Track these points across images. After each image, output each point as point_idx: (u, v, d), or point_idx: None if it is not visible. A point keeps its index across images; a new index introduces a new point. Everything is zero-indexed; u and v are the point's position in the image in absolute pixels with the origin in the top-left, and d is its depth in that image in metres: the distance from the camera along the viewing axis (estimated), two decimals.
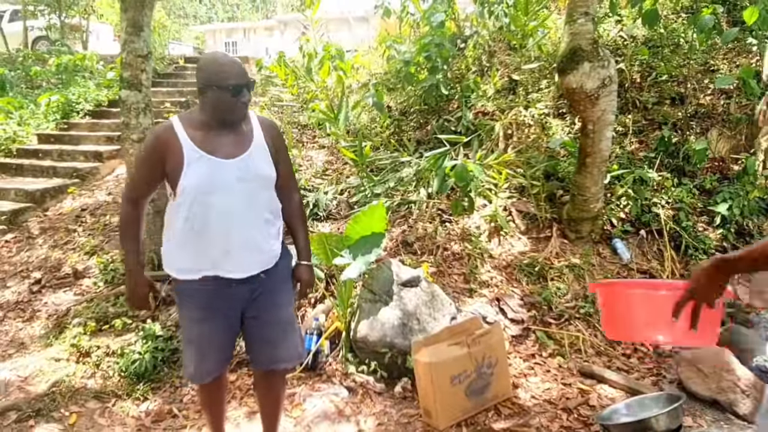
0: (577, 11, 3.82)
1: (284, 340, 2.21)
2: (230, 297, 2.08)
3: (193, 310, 2.11)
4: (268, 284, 2.14)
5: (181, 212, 1.98)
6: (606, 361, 3.42)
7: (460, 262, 4.16)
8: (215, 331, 2.12)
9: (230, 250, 2.00)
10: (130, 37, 3.94)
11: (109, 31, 14.32)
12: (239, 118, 2.01)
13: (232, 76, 1.92)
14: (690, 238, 4.04)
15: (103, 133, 7.35)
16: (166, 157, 1.95)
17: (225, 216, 1.97)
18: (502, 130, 5.26)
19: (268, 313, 2.16)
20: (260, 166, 2.03)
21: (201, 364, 2.15)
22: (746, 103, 4.63)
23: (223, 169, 1.96)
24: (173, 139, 1.94)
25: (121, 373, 3.29)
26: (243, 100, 1.95)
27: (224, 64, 1.94)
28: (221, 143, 1.98)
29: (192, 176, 1.93)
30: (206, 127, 1.99)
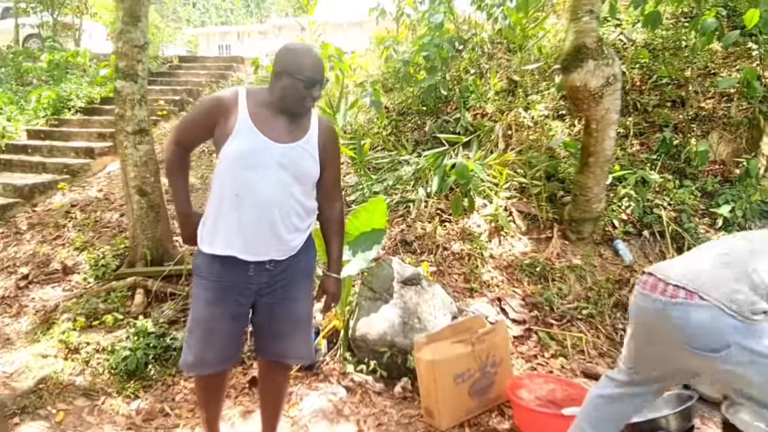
0: (582, 9, 3.78)
1: (296, 335, 2.14)
2: (245, 282, 2.02)
3: (207, 290, 2.03)
4: (287, 276, 2.08)
5: (217, 179, 1.99)
6: (609, 362, 3.36)
7: (460, 262, 4.10)
8: (224, 317, 2.04)
9: (254, 231, 1.95)
10: (126, 27, 3.85)
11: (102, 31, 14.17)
12: (304, 111, 2.01)
13: (310, 69, 1.92)
14: (692, 239, 4.00)
15: (95, 130, 7.23)
16: (218, 119, 1.95)
17: (255, 195, 1.93)
18: (501, 131, 5.22)
19: (283, 305, 2.09)
20: (305, 160, 2.00)
21: (203, 352, 2.05)
22: (747, 107, 4.62)
23: (267, 150, 1.93)
24: (233, 105, 1.94)
25: (111, 371, 3.17)
26: (314, 94, 1.95)
27: (306, 55, 1.94)
28: (276, 126, 1.96)
29: (236, 146, 1.91)
30: (268, 107, 1.98)
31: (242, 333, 2.18)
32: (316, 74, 1.92)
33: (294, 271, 2.09)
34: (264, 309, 2.10)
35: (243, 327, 2.16)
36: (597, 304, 3.72)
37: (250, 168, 1.92)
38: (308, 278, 2.20)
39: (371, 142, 5.58)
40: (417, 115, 6.21)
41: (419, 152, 5.39)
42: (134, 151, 3.98)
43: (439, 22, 6.13)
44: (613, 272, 3.96)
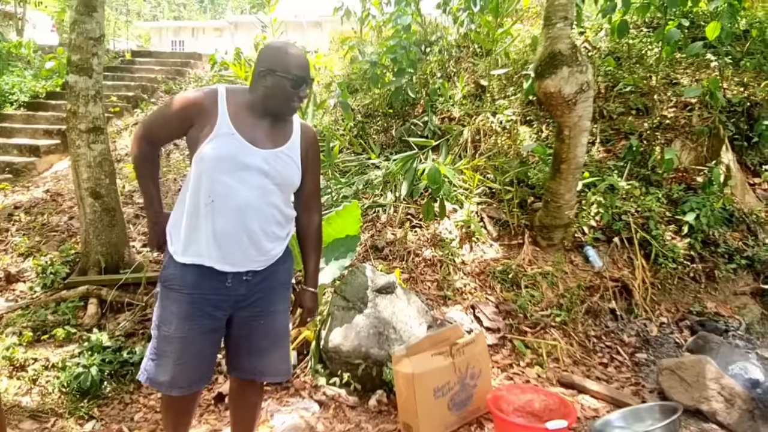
0: (556, 15, 3.77)
1: (274, 351, 2.02)
2: (222, 294, 1.87)
3: (179, 302, 1.86)
4: (266, 288, 1.94)
5: (191, 183, 1.84)
6: (584, 370, 3.35)
7: (432, 269, 4.02)
8: (199, 333, 1.87)
9: (231, 240, 1.81)
10: (80, 17, 3.58)
11: (46, 21, 13.46)
12: (289, 112, 1.90)
13: (297, 67, 1.81)
14: (659, 246, 4.05)
15: (41, 126, 6.80)
16: (196, 118, 1.82)
17: (233, 202, 1.80)
18: (470, 135, 5.19)
19: (262, 319, 1.95)
20: (287, 167, 1.89)
21: (176, 372, 1.88)
22: (707, 116, 4.74)
23: (248, 155, 1.81)
24: (212, 106, 1.82)
25: (62, 389, 2.92)
26: (301, 94, 1.85)
27: (292, 53, 1.83)
28: (257, 130, 1.85)
29: (214, 148, 1.78)
30: (250, 109, 1.86)
31: (216, 351, 2.01)
32: (303, 73, 1.81)
33: (272, 282, 1.96)
34: (241, 323, 1.96)
35: (219, 343, 2.00)
36: (569, 311, 3.71)
37: (229, 173, 1.79)
38: (287, 290, 2.07)
39: (340, 143, 5.45)
40: (384, 117, 6.12)
41: (387, 155, 5.29)
42: (88, 150, 3.71)
43: (407, 24, 6.07)
44: (584, 278, 3.97)
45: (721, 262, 4.07)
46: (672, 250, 4.03)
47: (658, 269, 4.04)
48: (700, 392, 2.80)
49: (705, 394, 2.79)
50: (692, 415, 2.82)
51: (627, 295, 3.94)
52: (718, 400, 2.76)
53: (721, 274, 4.03)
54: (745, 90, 5.02)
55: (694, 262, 4.08)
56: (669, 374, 2.96)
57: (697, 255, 4.11)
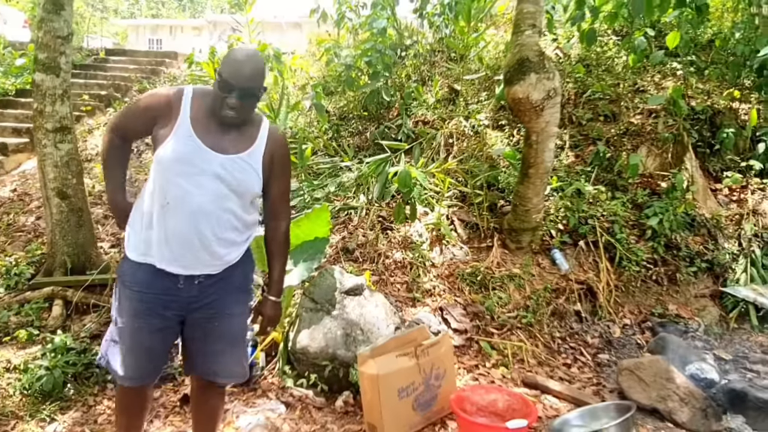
0: (524, 23, 3.85)
1: (229, 354, 2.01)
2: (173, 295, 1.86)
3: (131, 301, 1.87)
4: (220, 291, 1.93)
5: (150, 186, 1.85)
6: (548, 371, 3.42)
7: (402, 271, 4.06)
8: (148, 330, 1.88)
9: (184, 243, 1.81)
10: (48, 15, 3.54)
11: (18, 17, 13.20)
12: (224, 119, 1.80)
13: (231, 72, 1.75)
14: (624, 249, 4.16)
15: (9, 124, 6.66)
16: (159, 117, 1.83)
17: (186, 206, 1.78)
18: (443, 139, 5.25)
19: (215, 321, 1.95)
20: (246, 174, 1.85)
21: (125, 364, 1.90)
22: (672, 123, 4.88)
23: (204, 159, 1.79)
24: (177, 106, 1.81)
25: (24, 392, 2.87)
26: (229, 101, 1.76)
27: (237, 60, 1.78)
28: (217, 134, 1.83)
29: (172, 149, 1.78)
30: (212, 113, 1.83)
31: (168, 348, 2.02)
32: (234, 79, 1.74)
33: (227, 285, 1.94)
34: (195, 325, 1.96)
35: (170, 341, 2.00)
36: (535, 312, 3.78)
37: (184, 176, 1.78)
38: (244, 293, 2.04)
39: (313, 146, 5.46)
40: (358, 120, 6.15)
41: (361, 158, 5.32)
42: (54, 150, 3.66)
43: (382, 28, 6.12)
44: (551, 281, 4.05)
45: (683, 265, 4.19)
46: (636, 254, 4.14)
47: (622, 272, 4.14)
48: (657, 391, 2.89)
49: (662, 394, 2.88)
50: (649, 413, 2.91)
51: (592, 297, 4.03)
52: (674, 399, 2.84)
53: (682, 277, 4.15)
54: (708, 98, 5.18)
55: (656, 266, 4.19)
56: (628, 374, 3.05)
57: (659, 258, 4.22)
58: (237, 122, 1.83)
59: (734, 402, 2.91)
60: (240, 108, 1.78)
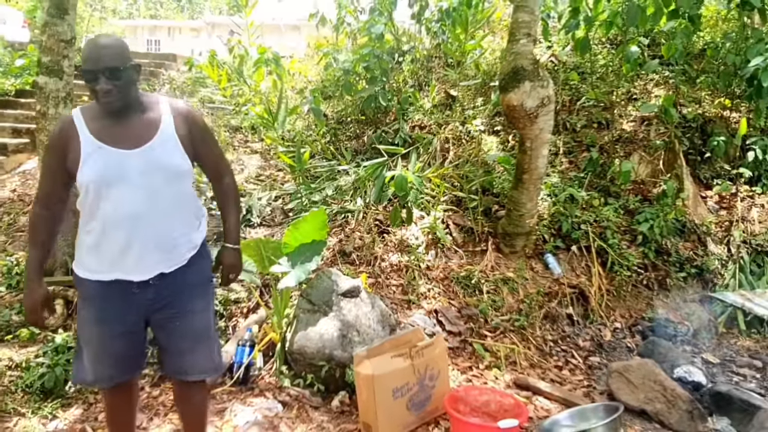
0: (519, 31, 3.93)
1: (195, 350, 2.02)
2: (130, 301, 1.89)
3: (90, 310, 1.92)
4: (178, 288, 1.95)
5: (83, 209, 1.86)
6: (540, 373, 3.49)
7: (398, 274, 4.13)
8: (111, 336, 1.92)
9: (129, 249, 1.82)
10: (52, 19, 3.60)
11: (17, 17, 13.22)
12: (106, 107, 1.79)
13: (87, 61, 1.74)
14: (615, 254, 4.24)
15: (9, 125, 6.70)
16: (65, 151, 1.80)
17: (124, 211, 1.80)
18: (439, 144, 5.33)
19: (177, 320, 1.97)
20: (167, 156, 1.85)
21: (97, 369, 1.96)
22: (664, 131, 4.97)
23: (122, 161, 1.79)
24: (73, 131, 1.80)
25: (26, 389, 2.93)
26: (98, 87, 1.74)
27: (87, 48, 1.77)
28: (122, 133, 1.82)
29: (88, 170, 1.77)
30: (105, 116, 1.82)
31: (138, 347, 2.05)
32: (93, 65, 1.72)
33: (182, 284, 1.96)
34: (158, 326, 1.99)
35: (138, 342, 2.03)
36: (528, 316, 3.85)
37: (110, 187, 1.78)
38: (202, 289, 2.04)
39: (311, 149, 5.53)
40: (356, 124, 6.22)
41: (358, 162, 5.39)
42: None
43: (380, 33, 6.19)
44: (543, 285, 4.12)
45: (673, 270, 4.28)
46: (627, 259, 4.23)
47: (613, 277, 4.22)
48: (645, 393, 2.97)
49: (649, 395, 2.95)
50: (638, 415, 2.98)
51: (584, 301, 4.11)
52: (661, 401, 2.92)
53: (672, 282, 4.24)
54: (699, 107, 5.28)
55: (647, 271, 4.28)
56: (617, 376, 3.12)
57: (650, 263, 4.31)
58: (122, 106, 1.80)
59: (720, 404, 2.98)
60: (115, 90, 1.75)
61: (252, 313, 3.68)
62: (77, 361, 2.01)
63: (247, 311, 3.70)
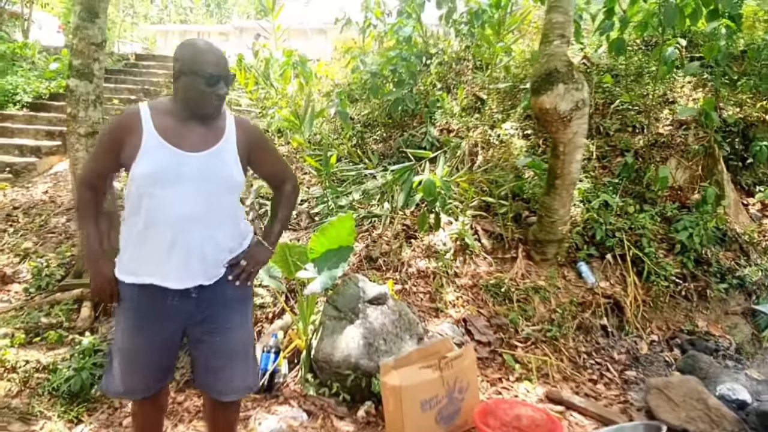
0: (553, 33, 3.81)
1: (231, 368, 1.97)
2: (168, 311, 1.85)
3: (127, 317, 1.88)
4: (218, 303, 1.90)
5: (129, 204, 1.83)
6: (573, 386, 3.36)
7: (425, 281, 4.03)
8: (146, 347, 1.88)
9: (172, 252, 1.78)
10: (83, 23, 3.63)
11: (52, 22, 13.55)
12: (211, 112, 1.83)
13: (211, 65, 1.76)
14: (652, 264, 4.07)
15: (43, 127, 6.84)
16: (124, 141, 1.77)
17: (174, 213, 1.76)
18: (467, 147, 5.22)
19: (215, 336, 1.92)
20: (224, 166, 1.84)
21: (127, 380, 1.91)
22: (703, 135, 4.78)
23: (182, 163, 1.76)
24: (136, 123, 1.77)
25: (53, 392, 2.93)
26: (218, 92, 1.79)
27: (204, 51, 1.78)
28: (187, 135, 1.80)
29: (145, 164, 1.74)
30: (175, 116, 1.82)
31: (170, 359, 2.01)
32: (218, 70, 1.76)
33: (222, 299, 1.91)
34: (195, 341, 1.94)
35: (171, 354, 1.99)
36: (561, 326, 3.72)
37: (164, 185, 1.75)
38: (242, 305, 2.01)
39: (338, 152, 5.48)
40: (383, 127, 6.15)
41: (385, 166, 5.32)
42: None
43: (408, 36, 6.13)
44: (577, 294, 3.98)
45: (713, 281, 4.09)
46: (664, 268, 4.05)
47: (650, 287, 4.05)
48: (686, 412, 2.82)
49: (692, 415, 2.80)
50: None
51: (618, 312, 3.95)
52: (705, 421, 2.77)
53: (713, 294, 4.05)
54: (740, 110, 5.06)
55: (686, 281, 4.10)
56: (657, 393, 2.98)
57: (689, 273, 4.13)
58: (218, 112, 1.85)
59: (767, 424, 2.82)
60: (225, 94, 1.82)
61: (277, 319, 3.64)
62: (109, 371, 1.96)
63: (272, 316, 3.65)
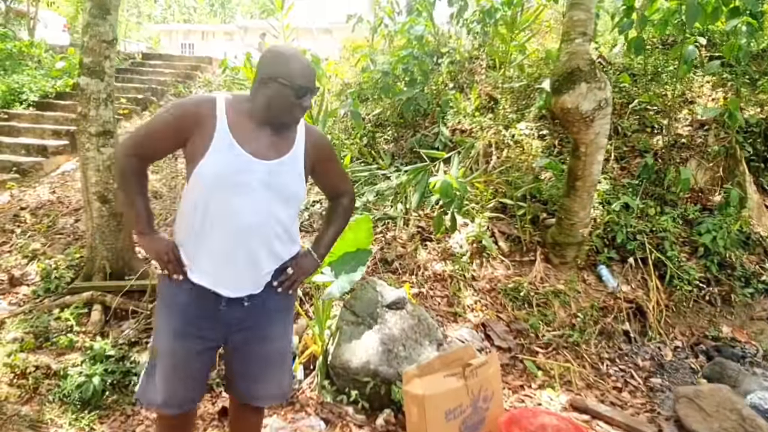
0: (574, 30, 3.72)
1: (269, 376, 1.92)
2: (216, 317, 1.78)
3: (171, 320, 1.78)
4: (264, 313, 1.84)
5: (189, 201, 1.74)
6: (598, 394, 3.26)
7: (442, 284, 3.94)
8: (188, 353, 1.79)
9: (229, 262, 1.72)
10: (94, 20, 3.54)
11: (58, 21, 13.51)
12: (292, 123, 1.77)
13: (302, 76, 1.69)
14: (675, 267, 3.97)
15: (49, 126, 6.77)
16: (193, 130, 1.68)
17: (235, 220, 1.68)
18: (482, 148, 5.12)
19: (256, 345, 1.86)
20: (291, 179, 1.78)
21: (166, 390, 1.82)
22: (724, 136, 4.67)
23: (251, 170, 1.68)
24: (209, 114, 1.68)
25: (63, 399, 2.84)
26: (304, 104, 1.72)
27: (297, 60, 1.70)
28: (259, 140, 1.72)
29: (214, 163, 1.66)
30: (250, 118, 1.73)
31: (209, 370, 1.94)
32: (308, 82, 1.70)
33: (270, 306, 1.85)
34: (235, 347, 1.87)
35: (210, 364, 1.91)
36: (582, 332, 3.63)
37: (230, 190, 1.67)
38: (286, 314, 1.97)
39: (351, 152, 5.39)
40: (394, 127, 6.06)
41: (397, 166, 5.23)
42: (97, 154, 3.66)
43: (420, 34, 6.03)
44: (597, 298, 3.89)
45: (738, 285, 3.99)
46: (687, 272, 3.95)
47: (672, 291, 3.95)
48: (719, 423, 2.72)
49: (725, 425, 2.70)
50: None
51: (641, 317, 3.85)
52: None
53: (738, 298, 3.95)
54: (762, 110, 4.96)
55: (709, 285, 3.99)
56: (687, 402, 2.88)
57: (712, 278, 4.03)
58: (297, 122, 1.78)
59: None
60: (309, 107, 1.75)
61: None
62: (147, 379, 1.87)
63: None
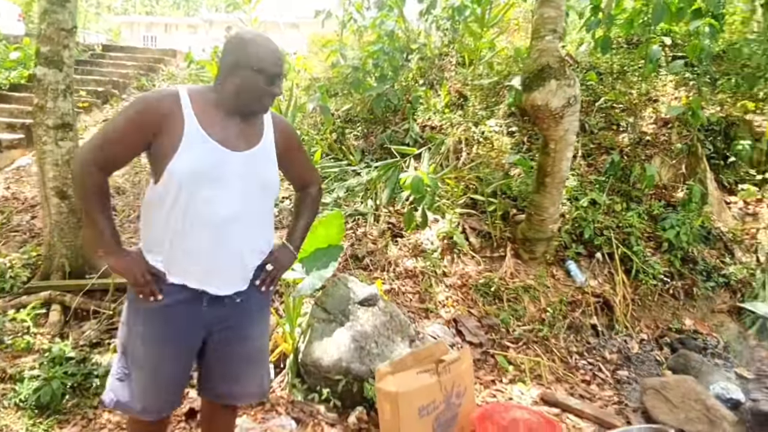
0: (544, 28, 3.75)
1: (250, 375, 1.88)
2: (197, 317, 1.71)
3: (151, 324, 1.69)
4: (244, 311, 1.79)
5: (164, 203, 1.62)
6: (567, 387, 3.30)
7: (413, 280, 3.93)
8: (169, 357, 1.72)
9: (211, 258, 1.65)
10: (52, 6, 3.38)
11: (13, 10, 12.95)
12: (262, 111, 1.72)
13: (271, 61, 1.62)
14: (640, 262, 4.05)
15: (3, 120, 6.46)
16: (160, 125, 1.58)
17: (215, 216, 1.62)
18: (452, 144, 5.13)
19: (237, 345, 1.81)
20: (266, 167, 1.75)
21: (151, 395, 1.73)
22: (686, 134, 4.80)
23: (224, 160, 1.62)
24: (175, 110, 1.59)
25: (20, 404, 2.70)
26: (275, 90, 1.67)
27: (264, 45, 1.63)
28: (229, 131, 1.66)
29: (187, 161, 1.57)
30: (218, 109, 1.66)
31: (189, 374, 1.86)
32: (277, 67, 1.64)
33: (252, 305, 1.81)
34: (215, 347, 1.80)
35: (190, 367, 1.84)
36: (552, 326, 3.67)
37: (207, 185, 1.60)
38: (265, 312, 1.93)
39: (321, 148, 5.33)
40: (364, 123, 6.02)
41: (367, 162, 5.20)
42: (55, 147, 3.50)
43: (390, 30, 6.00)
44: (566, 293, 3.94)
45: (700, 279, 4.10)
46: (652, 267, 4.05)
47: (638, 285, 4.04)
48: (685, 413, 2.78)
49: (690, 415, 2.77)
50: None
51: (608, 310, 3.92)
52: (704, 422, 2.73)
53: (699, 292, 4.06)
54: (721, 109, 5.11)
55: (673, 279, 4.10)
56: (653, 394, 2.94)
57: (676, 272, 4.13)
58: (267, 109, 1.73)
59: (764, 424, 2.80)
60: (280, 93, 1.71)
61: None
62: (120, 384, 1.75)
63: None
